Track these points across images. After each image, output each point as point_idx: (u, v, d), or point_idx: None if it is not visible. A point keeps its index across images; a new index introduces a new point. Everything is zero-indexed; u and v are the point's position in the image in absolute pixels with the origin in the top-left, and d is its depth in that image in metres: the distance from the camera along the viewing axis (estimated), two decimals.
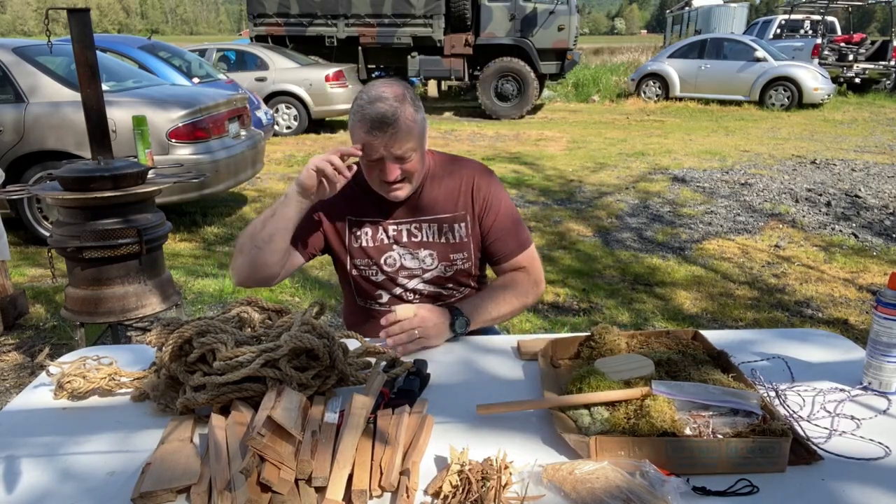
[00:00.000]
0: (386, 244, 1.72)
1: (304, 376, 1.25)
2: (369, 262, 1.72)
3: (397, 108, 1.52)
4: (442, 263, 1.72)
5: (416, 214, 1.71)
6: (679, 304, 3.95)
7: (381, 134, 1.52)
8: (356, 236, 1.72)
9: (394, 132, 1.52)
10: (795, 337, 1.62)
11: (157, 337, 1.30)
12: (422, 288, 1.74)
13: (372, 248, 1.72)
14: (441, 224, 1.71)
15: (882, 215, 5.79)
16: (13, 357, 3.28)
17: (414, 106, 1.57)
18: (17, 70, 4.76)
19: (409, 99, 1.56)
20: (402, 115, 1.52)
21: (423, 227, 1.71)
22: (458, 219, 1.72)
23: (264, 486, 1.00)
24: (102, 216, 2.56)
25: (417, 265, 1.72)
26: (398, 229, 1.71)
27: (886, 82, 16.09)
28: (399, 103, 1.53)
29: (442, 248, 1.72)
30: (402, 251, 1.71)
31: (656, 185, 6.97)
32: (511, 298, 1.69)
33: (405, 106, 1.54)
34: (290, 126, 10.70)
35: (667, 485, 0.98)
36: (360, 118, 1.53)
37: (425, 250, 1.71)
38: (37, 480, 1.09)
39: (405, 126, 1.53)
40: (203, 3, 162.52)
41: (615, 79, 17.49)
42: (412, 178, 1.63)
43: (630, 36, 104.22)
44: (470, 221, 1.73)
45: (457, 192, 1.72)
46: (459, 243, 1.72)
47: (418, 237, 1.71)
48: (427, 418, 1.19)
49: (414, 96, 1.60)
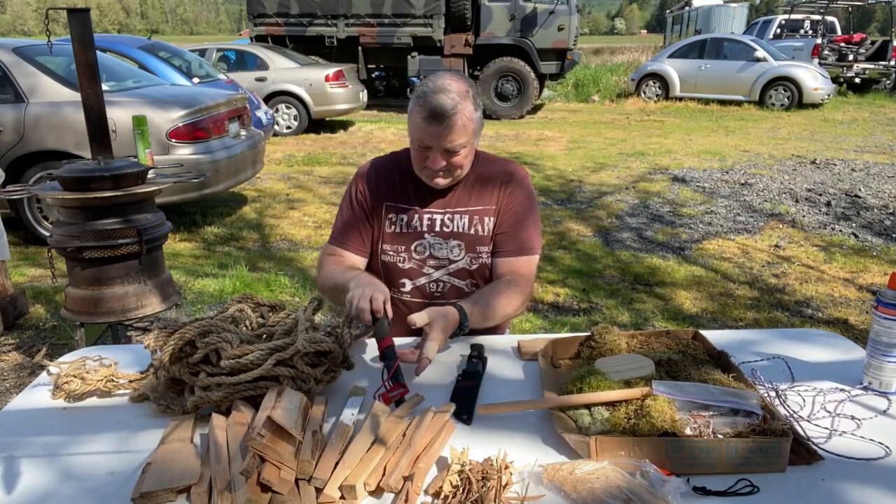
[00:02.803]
0: (419, 231, 1.75)
1: (318, 372, 1.27)
2: (399, 249, 1.75)
3: (458, 102, 1.56)
4: (469, 255, 1.75)
5: (452, 205, 1.75)
6: (679, 304, 3.95)
7: (436, 124, 1.56)
8: (391, 221, 1.76)
9: (449, 125, 1.56)
10: (795, 337, 1.62)
11: (154, 340, 1.30)
12: (446, 280, 1.76)
13: (404, 234, 1.75)
14: (472, 216, 1.75)
15: (882, 215, 5.79)
16: (13, 357, 3.28)
17: (474, 104, 1.61)
18: (17, 70, 4.76)
19: (471, 96, 1.60)
20: (461, 111, 1.56)
21: (456, 218, 1.75)
22: (487, 213, 1.76)
23: (264, 486, 1.00)
24: (102, 216, 2.56)
25: (445, 255, 1.75)
26: (432, 218, 1.75)
27: (886, 82, 16.09)
28: (461, 99, 1.57)
29: (470, 239, 1.75)
30: (433, 239, 1.75)
31: (656, 185, 6.97)
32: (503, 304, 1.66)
33: (466, 102, 1.58)
34: (290, 126, 10.70)
35: (667, 485, 0.98)
36: (421, 104, 1.57)
37: (454, 240, 1.75)
38: (37, 480, 1.09)
39: (461, 122, 1.57)
40: (203, 3, 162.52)
41: (615, 79, 17.49)
42: (456, 171, 1.67)
43: (630, 36, 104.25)
44: (494, 217, 1.76)
45: (490, 187, 1.76)
46: (485, 236, 1.75)
47: (450, 227, 1.75)
48: (447, 423, 1.18)
49: (476, 94, 1.63)
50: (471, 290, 1.77)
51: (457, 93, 1.57)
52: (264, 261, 4.74)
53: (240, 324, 1.38)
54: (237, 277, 4.20)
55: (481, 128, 1.68)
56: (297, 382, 1.24)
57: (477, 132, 1.65)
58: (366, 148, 9.48)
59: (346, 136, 10.87)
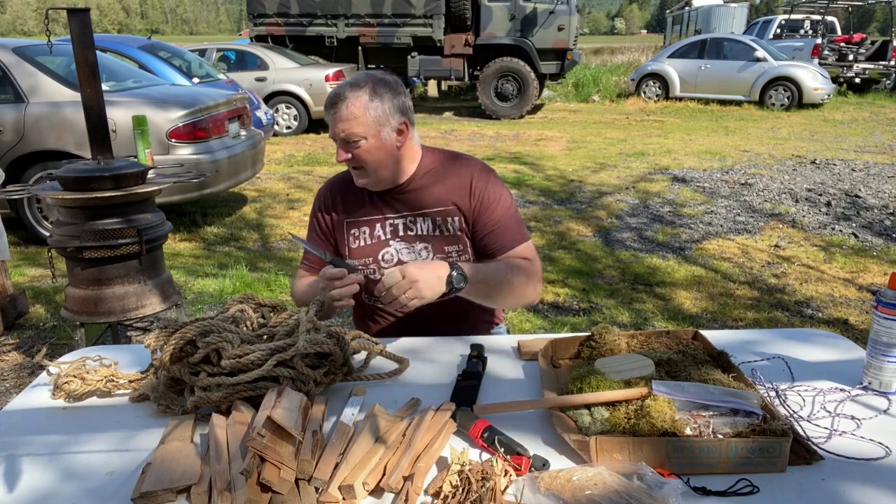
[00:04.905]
0: (383, 240, 1.75)
1: (318, 374, 1.27)
2: (367, 261, 1.75)
3: (347, 93, 1.59)
4: (437, 256, 1.74)
5: (412, 209, 1.74)
6: (679, 304, 3.95)
7: (329, 113, 1.62)
8: (354, 237, 1.77)
9: (335, 113, 1.60)
10: (795, 337, 1.62)
11: (155, 340, 1.30)
12: None
13: (369, 246, 1.75)
14: (435, 217, 1.74)
15: (882, 215, 5.79)
16: (13, 357, 3.28)
17: (373, 95, 1.60)
18: (17, 70, 4.76)
19: (369, 87, 1.60)
20: (349, 100, 1.58)
21: (419, 221, 1.74)
22: (451, 213, 1.73)
23: (264, 486, 1.00)
24: (102, 216, 2.56)
25: (414, 258, 1.74)
26: (395, 224, 1.75)
27: (886, 82, 16.08)
28: (353, 88, 1.59)
29: (437, 241, 1.74)
30: (399, 245, 1.74)
31: (656, 185, 6.97)
32: (513, 274, 1.66)
33: (359, 93, 1.59)
34: (290, 126, 10.70)
35: (665, 487, 0.98)
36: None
37: (421, 243, 1.74)
38: (37, 480, 1.09)
39: (349, 111, 1.58)
40: (203, 3, 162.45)
41: (615, 79, 17.48)
42: (367, 168, 1.66)
43: (630, 36, 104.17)
44: (463, 216, 1.73)
45: (453, 188, 1.74)
46: (453, 236, 1.74)
47: (414, 230, 1.74)
48: (448, 423, 1.18)
49: (382, 87, 1.61)
50: None
51: (352, 83, 1.61)
52: (264, 261, 4.74)
53: (240, 324, 1.38)
54: (237, 277, 4.20)
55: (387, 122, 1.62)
56: (296, 384, 1.24)
57: (378, 125, 1.61)
58: None
59: None
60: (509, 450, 1.09)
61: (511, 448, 1.09)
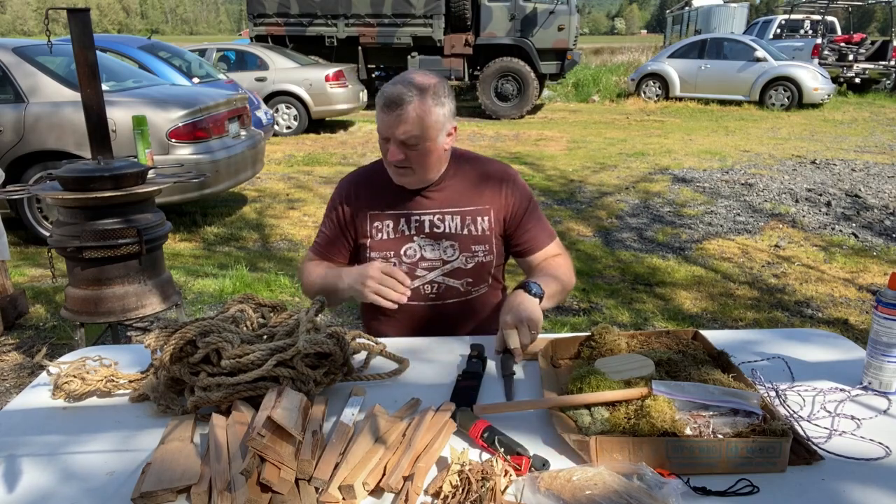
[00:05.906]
0: (407, 235, 1.74)
1: (318, 374, 1.27)
2: (388, 255, 1.74)
3: (413, 95, 1.56)
4: (463, 255, 1.74)
5: (440, 206, 1.74)
6: (679, 304, 3.95)
7: (389, 112, 1.57)
8: (377, 230, 1.75)
9: (399, 114, 1.56)
10: (795, 337, 1.62)
11: (155, 340, 1.30)
12: (440, 280, 1.75)
13: (392, 240, 1.74)
14: (464, 216, 1.74)
15: (882, 215, 5.79)
16: (13, 357, 3.28)
17: (434, 99, 1.59)
18: (17, 70, 4.76)
19: (431, 91, 1.59)
20: (414, 103, 1.56)
21: (447, 219, 1.74)
22: (482, 212, 1.75)
23: (264, 486, 1.00)
24: (102, 216, 2.56)
25: (438, 256, 1.73)
26: (420, 220, 1.74)
27: (886, 82, 16.08)
28: (418, 91, 1.57)
29: (464, 239, 1.74)
30: (423, 242, 1.74)
31: (657, 185, 6.97)
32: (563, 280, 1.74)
33: (424, 96, 1.58)
34: (290, 126, 10.70)
35: (665, 487, 0.98)
36: (381, 93, 1.60)
37: (447, 241, 1.74)
38: (37, 480, 1.09)
39: (413, 114, 1.56)
40: (203, 3, 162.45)
41: (615, 79, 17.48)
42: (417, 169, 1.65)
43: (630, 36, 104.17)
44: (493, 216, 1.75)
45: (483, 187, 1.76)
46: (481, 236, 1.74)
47: (441, 228, 1.74)
48: (448, 423, 1.18)
49: (442, 92, 1.62)
50: (466, 290, 1.77)
51: (417, 85, 1.58)
52: (264, 261, 4.74)
53: (240, 324, 1.38)
54: (237, 277, 4.20)
55: (446, 126, 1.63)
56: (296, 384, 1.24)
57: (438, 129, 1.61)
58: (366, 148, 9.48)
59: (346, 136, 10.88)
60: (509, 450, 1.09)
61: (511, 448, 1.09)
